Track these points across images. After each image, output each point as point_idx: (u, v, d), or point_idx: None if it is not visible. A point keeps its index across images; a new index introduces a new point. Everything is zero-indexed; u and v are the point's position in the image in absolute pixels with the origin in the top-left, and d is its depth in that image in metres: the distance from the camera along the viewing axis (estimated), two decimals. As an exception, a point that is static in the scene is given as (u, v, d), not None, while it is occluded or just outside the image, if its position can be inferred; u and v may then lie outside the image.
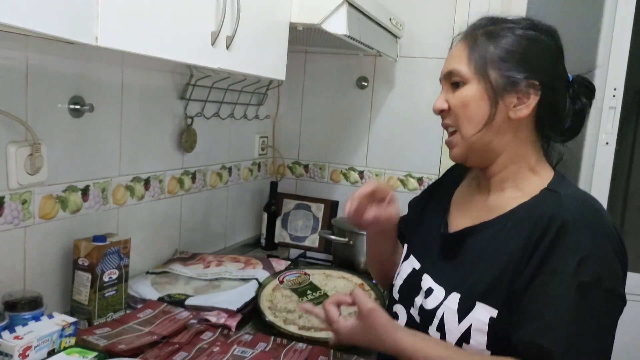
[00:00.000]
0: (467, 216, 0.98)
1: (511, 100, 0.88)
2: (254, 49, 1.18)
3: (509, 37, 0.90)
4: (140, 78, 1.38)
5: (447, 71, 0.94)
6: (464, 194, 1.05)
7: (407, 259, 1.04)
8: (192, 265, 1.52)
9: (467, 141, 0.92)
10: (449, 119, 0.94)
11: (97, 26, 0.75)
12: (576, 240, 0.80)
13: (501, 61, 0.88)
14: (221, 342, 1.15)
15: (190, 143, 1.60)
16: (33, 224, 1.13)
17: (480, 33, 0.92)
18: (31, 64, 1.08)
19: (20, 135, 1.07)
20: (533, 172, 0.93)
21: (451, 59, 0.94)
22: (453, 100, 0.92)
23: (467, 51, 0.91)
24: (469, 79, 0.90)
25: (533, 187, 0.91)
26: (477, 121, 0.90)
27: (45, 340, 0.96)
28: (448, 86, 0.94)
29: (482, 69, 0.89)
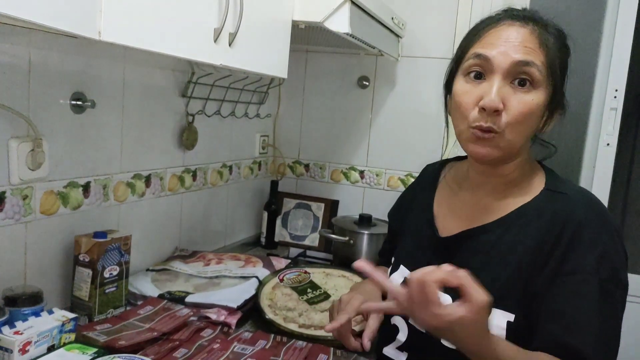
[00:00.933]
0: (459, 218, 0.95)
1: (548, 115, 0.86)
2: (256, 47, 1.18)
3: (564, 48, 0.85)
4: (142, 75, 1.38)
5: (522, 60, 0.80)
6: (448, 196, 1.02)
7: (396, 270, 1.02)
8: (193, 263, 1.52)
9: (511, 147, 0.84)
10: (498, 121, 0.81)
11: (101, 20, 0.75)
12: (593, 239, 0.80)
13: (562, 73, 0.84)
14: (221, 340, 1.14)
15: (191, 141, 1.60)
16: (34, 219, 1.13)
17: (550, 32, 0.84)
18: (33, 59, 1.08)
19: (22, 130, 1.07)
20: (532, 171, 0.93)
21: (523, 47, 0.80)
22: (517, 105, 0.80)
23: (542, 48, 0.81)
24: (541, 83, 0.81)
25: (532, 186, 0.90)
26: (530, 131, 0.85)
27: (45, 335, 0.96)
28: (505, 80, 0.81)
29: (553, 76, 0.82)
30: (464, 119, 0.85)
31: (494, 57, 0.81)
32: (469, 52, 0.87)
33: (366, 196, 2.09)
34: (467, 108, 0.84)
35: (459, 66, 0.90)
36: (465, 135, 0.86)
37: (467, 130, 0.85)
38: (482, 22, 0.89)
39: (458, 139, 0.89)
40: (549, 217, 0.84)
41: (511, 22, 0.84)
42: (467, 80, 0.86)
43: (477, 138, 0.83)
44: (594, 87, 1.89)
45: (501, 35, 0.83)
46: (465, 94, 0.85)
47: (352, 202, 2.09)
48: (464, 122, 0.85)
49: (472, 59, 0.85)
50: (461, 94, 0.86)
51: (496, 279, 0.84)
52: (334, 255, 1.85)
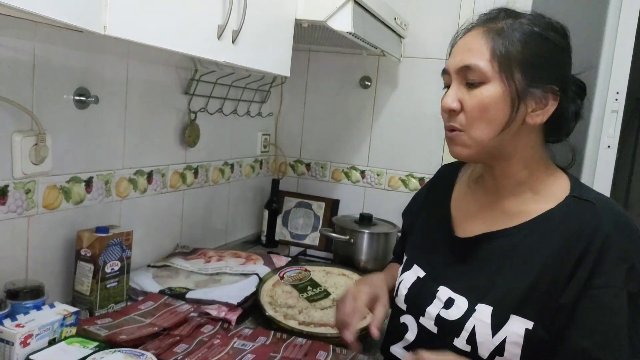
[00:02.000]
0: (478, 220, 0.94)
1: (530, 105, 0.84)
2: (260, 44, 1.19)
3: (534, 37, 0.83)
4: (145, 72, 1.39)
5: (463, 65, 0.85)
6: (466, 197, 1.01)
7: (409, 269, 1.01)
8: (193, 260, 1.53)
9: (478, 144, 0.86)
10: (458, 120, 0.86)
11: (106, 15, 0.76)
12: (622, 253, 0.79)
13: (526, 63, 0.82)
14: (221, 335, 1.15)
15: (194, 138, 1.60)
16: (36, 213, 1.13)
17: (503, 26, 0.84)
18: (38, 54, 1.08)
19: (26, 125, 1.08)
20: (550, 175, 0.91)
21: (467, 52, 0.85)
22: (470, 101, 0.84)
23: (489, 45, 0.83)
24: (490, 78, 0.83)
25: (555, 193, 0.88)
26: (495, 125, 0.84)
27: (47, 329, 0.97)
28: (460, 83, 0.86)
29: (507, 68, 0.82)
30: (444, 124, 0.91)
31: (449, 67, 0.88)
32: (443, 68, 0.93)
33: (367, 196, 2.09)
34: (442, 114, 0.91)
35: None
36: (446, 137, 0.92)
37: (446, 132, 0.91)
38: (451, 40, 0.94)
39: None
40: (576, 227, 0.82)
41: (468, 30, 0.89)
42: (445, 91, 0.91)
43: (449, 138, 0.89)
44: (595, 90, 1.90)
45: (457, 47, 0.89)
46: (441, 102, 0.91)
47: (352, 202, 2.10)
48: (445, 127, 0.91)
49: (443, 73, 0.92)
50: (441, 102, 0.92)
51: (516, 285, 0.84)
52: (335, 254, 1.85)
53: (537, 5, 1.85)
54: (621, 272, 0.78)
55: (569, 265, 0.80)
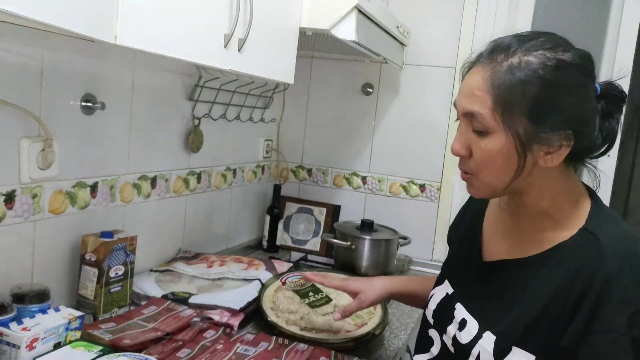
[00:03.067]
0: (503, 243, 0.93)
1: (542, 150, 0.79)
2: (265, 52, 1.20)
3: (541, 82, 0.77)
4: (151, 78, 1.40)
5: (467, 111, 0.81)
6: (496, 217, 0.98)
7: (441, 284, 1.01)
8: (196, 265, 1.54)
9: (491, 187, 0.84)
10: (469, 165, 0.84)
11: (117, 25, 0.77)
12: (623, 295, 0.75)
13: (531, 111, 0.77)
14: (224, 340, 1.16)
15: (197, 144, 1.62)
16: (42, 218, 1.14)
17: (508, 66, 0.78)
18: (46, 61, 1.10)
19: (34, 130, 1.09)
20: (572, 203, 0.85)
21: (471, 96, 0.81)
22: (477, 151, 0.82)
23: (492, 92, 0.78)
24: (494, 129, 0.79)
25: (573, 222, 0.83)
26: (505, 173, 0.81)
27: (52, 332, 0.98)
28: (467, 127, 0.83)
29: (510, 118, 0.78)
30: None
31: (458, 104, 0.85)
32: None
33: (368, 202, 2.10)
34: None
35: None
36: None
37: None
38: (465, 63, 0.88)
39: None
40: (578, 265, 0.79)
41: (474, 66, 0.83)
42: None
43: (463, 180, 0.88)
44: (595, 99, 1.91)
45: (464, 83, 0.85)
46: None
47: (354, 208, 2.11)
48: None
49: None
50: None
51: (520, 318, 0.83)
52: (336, 259, 1.86)
53: (538, 15, 1.87)
54: (623, 317, 0.74)
55: (569, 306, 0.78)
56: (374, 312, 1.35)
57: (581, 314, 0.76)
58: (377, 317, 1.34)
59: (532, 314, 0.81)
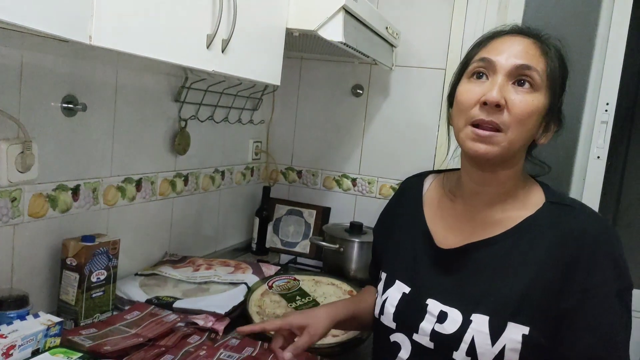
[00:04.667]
0: (458, 232, 0.94)
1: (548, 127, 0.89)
2: (250, 53, 1.18)
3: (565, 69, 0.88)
4: (135, 79, 1.38)
5: (523, 64, 0.83)
6: (439, 208, 1.00)
7: (391, 286, 0.99)
8: (182, 268, 1.52)
9: (510, 146, 0.84)
10: (502, 118, 0.82)
11: (92, 25, 0.75)
12: (610, 253, 0.83)
13: (560, 90, 0.87)
14: (208, 346, 1.14)
15: (184, 146, 1.60)
16: (22, 222, 1.12)
17: (551, 45, 0.88)
18: (26, 62, 1.08)
19: (12, 132, 1.07)
20: (526, 183, 0.93)
21: (526, 54, 0.84)
22: (519, 104, 0.82)
23: (543, 59, 0.85)
24: (540, 88, 0.84)
25: (532, 200, 0.91)
26: (529, 133, 0.85)
27: (30, 339, 0.95)
28: (507, 81, 0.84)
29: (552, 86, 0.86)
30: (464, 116, 0.86)
31: (497, 60, 0.85)
32: (473, 59, 0.90)
33: (358, 204, 2.09)
34: (469, 105, 0.85)
35: (463, 73, 0.92)
36: (465, 134, 0.86)
37: (466, 128, 0.86)
38: (488, 34, 0.92)
39: (457, 137, 0.89)
40: (562, 232, 0.85)
41: (514, 34, 0.89)
42: (470, 81, 0.88)
43: (479, 136, 0.84)
44: (585, 100, 1.90)
45: (504, 42, 0.87)
46: (467, 91, 0.87)
47: (343, 210, 2.09)
48: (464, 119, 0.86)
49: (477, 62, 0.88)
50: (463, 92, 0.88)
51: (509, 293, 0.85)
52: (324, 262, 1.84)
53: (528, 17, 1.86)
54: (611, 271, 0.83)
55: (562, 270, 0.83)
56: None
57: (579, 274, 0.82)
58: (365, 321, 1.32)
59: (522, 286, 0.84)
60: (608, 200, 1.98)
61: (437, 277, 0.93)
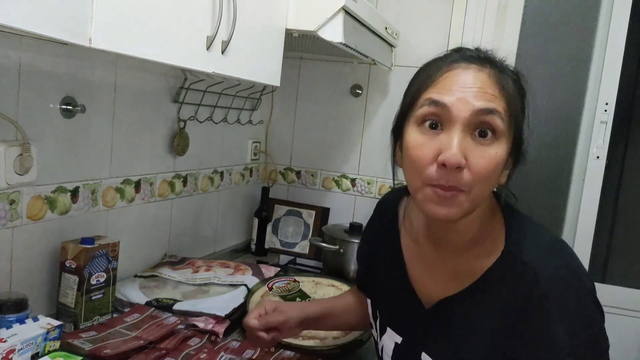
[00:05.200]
0: (434, 280, 0.87)
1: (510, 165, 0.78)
2: (249, 54, 1.18)
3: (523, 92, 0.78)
4: (134, 80, 1.38)
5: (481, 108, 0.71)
6: (416, 253, 0.91)
7: (384, 333, 0.95)
8: (181, 270, 1.51)
9: (473, 206, 0.74)
10: (462, 179, 0.71)
11: (92, 27, 0.75)
12: (560, 309, 0.73)
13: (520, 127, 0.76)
14: (208, 349, 1.13)
15: (183, 147, 1.59)
16: (21, 224, 1.11)
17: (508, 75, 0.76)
18: (24, 63, 1.07)
19: (11, 134, 1.06)
20: (491, 222, 0.83)
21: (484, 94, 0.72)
22: (481, 161, 0.71)
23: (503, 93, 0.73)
24: (503, 134, 0.72)
25: (494, 244, 0.81)
26: (491, 187, 0.76)
27: (30, 343, 0.95)
28: (466, 132, 0.72)
29: (516, 124, 0.74)
30: (419, 176, 0.74)
31: (452, 105, 0.72)
32: (421, 97, 0.76)
33: (357, 204, 2.08)
34: (424, 164, 0.73)
35: (410, 112, 0.78)
36: (422, 194, 0.74)
37: (423, 188, 0.74)
38: (433, 64, 0.80)
39: (413, 197, 0.77)
40: (510, 290, 0.76)
41: (466, 65, 0.75)
42: (422, 131, 0.75)
43: (439, 197, 0.72)
44: (584, 100, 1.90)
45: (458, 80, 0.74)
46: (420, 146, 0.74)
47: (343, 210, 2.09)
48: (419, 180, 0.74)
49: (426, 106, 0.74)
50: (416, 146, 0.75)
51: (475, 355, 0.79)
52: (324, 263, 1.84)
53: (527, 16, 1.86)
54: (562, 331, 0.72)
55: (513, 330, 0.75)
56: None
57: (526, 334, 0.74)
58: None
59: (482, 348, 0.78)
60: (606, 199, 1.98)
61: (424, 330, 0.88)
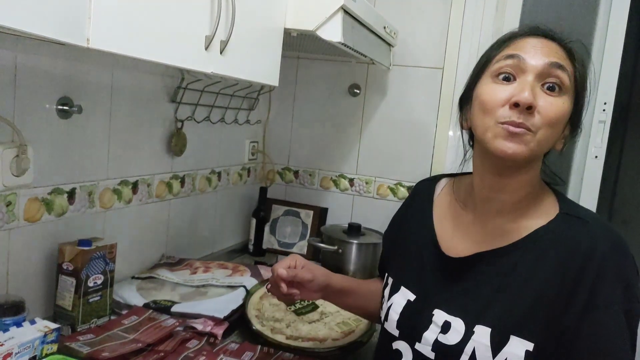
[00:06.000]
0: (467, 239, 0.91)
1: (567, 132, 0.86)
2: (248, 54, 1.17)
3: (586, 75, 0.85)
4: (131, 80, 1.36)
5: (554, 62, 0.80)
6: (449, 214, 0.97)
7: (396, 292, 0.96)
8: (179, 271, 1.50)
9: (538, 148, 0.80)
10: (533, 120, 0.79)
11: (89, 28, 0.74)
12: (617, 271, 0.79)
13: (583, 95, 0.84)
14: (207, 351, 1.13)
15: (180, 147, 1.58)
16: (17, 226, 1.10)
17: (574, 50, 0.85)
18: (20, 63, 1.06)
19: (7, 136, 1.05)
20: (541, 192, 0.90)
21: (556, 53, 0.81)
22: (550, 107, 0.79)
23: (570, 61, 0.83)
24: (569, 91, 0.81)
25: (545, 209, 0.87)
26: (555, 138, 0.83)
27: (27, 346, 0.94)
28: (537, 81, 0.80)
29: (581, 90, 0.83)
30: (491, 116, 0.81)
31: (526, 56, 0.81)
32: (496, 57, 0.85)
33: (355, 204, 2.08)
34: (496, 105, 0.81)
35: (484, 71, 0.87)
36: (494, 132, 0.80)
37: (495, 126, 0.80)
38: (509, 34, 0.88)
39: (482, 137, 0.83)
40: (571, 246, 0.81)
41: (539, 36, 0.85)
42: (495, 82, 0.83)
43: (509, 133, 0.78)
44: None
45: (529, 43, 0.83)
46: (493, 91, 0.82)
47: (341, 210, 2.08)
48: (491, 119, 0.81)
49: (503, 60, 0.83)
50: (489, 91, 0.83)
51: (514, 306, 0.82)
52: (323, 264, 1.83)
53: (526, 15, 1.86)
54: (619, 290, 0.78)
55: (568, 286, 0.79)
56: (361, 320, 1.33)
57: (581, 291, 0.78)
58: (365, 324, 1.32)
59: (528, 299, 0.81)
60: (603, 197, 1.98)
61: (444, 286, 0.90)
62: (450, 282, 0.90)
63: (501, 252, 0.86)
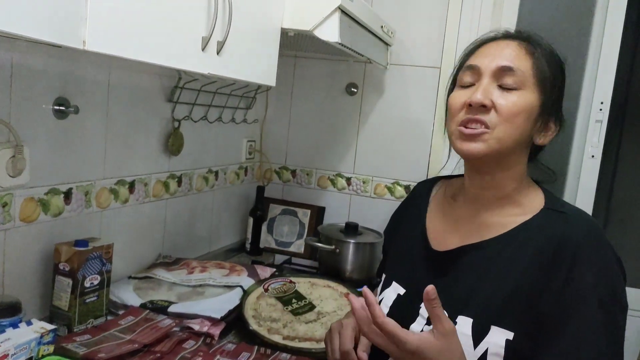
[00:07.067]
0: (455, 234, 0.96)
1: (543, 126, 0.89)
2: (245, 55, 1.16)
3: (558, 65, 0.90)
4: (128, 80, 1.36)
5: (504, 66, 0.86)
6: (441, 211, 1.02)
7: (388, 286, 1.01)
8: (176, 271, 1.50)
9: (499, 144, 0.86)
10: (488, 117, 0.85)
11: (85, 30, 0.73)
12: (590, 258, 0.82)
13: (552, 88, 0.88)
14: (204, 352, 1.13)
15: (177, 146, 1.58)
16: (13, 227, 1.10)
17: (538, 46, 0.89)
18: (16, 64, 1.05)
19: (3, 136, 1.05)
20: (529, 188, 0.94)
21: (508, 56, 0.87)
22: (504, 102, 0.85)
23: (529, 58, 0.87)
24: (526, 86, 0.86)
25: (532, 205, 0.91)
26: (518, 132, 0.86)
27: (23, 348, 0.94)
28: (491, 83, 0.87)
29: (542, 84, 0.87)
30: (453, 120, 0.90)
31: (481, 64, 0.89)
32: (463, 67, 0.94)
33: (352, 203, 2.08)
34: (457, 109, 0.89)
35: (455, 83, 0.96)
36: (455, 134, 0.89)
37: (455, 129, 0.89)
38: (476, 41, 0.96)
39: (450, 140, 0.92)
40: (548, 236, 0.85)
41: (503, 39, 0.92)
42: (460, 89, 0.92)
43: (464, 134, 0.87)
44: (579, 99, 1.90)
45: (491, 48, 0.91)
46: (456, 98, 0.91)
47: (338, 209, 2.08)
48: (454, 123, 0.90)
49: (463, 71, 0.92)
50: (453, 98, 0.92)
51: (494, 297, 0.85)
52: (320, 263, 1.84)
53: (523, 15, 1.85)
54: (590, 276, 0.81)
55: (544, 273, 0.83)
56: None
57: (557, 277, 0.81)
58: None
59: (507, 289, 0.84)
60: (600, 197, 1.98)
61: (432, 280, 0.90)
62: (438, 276, 0.93)
63: (484, 244, 0.90)
